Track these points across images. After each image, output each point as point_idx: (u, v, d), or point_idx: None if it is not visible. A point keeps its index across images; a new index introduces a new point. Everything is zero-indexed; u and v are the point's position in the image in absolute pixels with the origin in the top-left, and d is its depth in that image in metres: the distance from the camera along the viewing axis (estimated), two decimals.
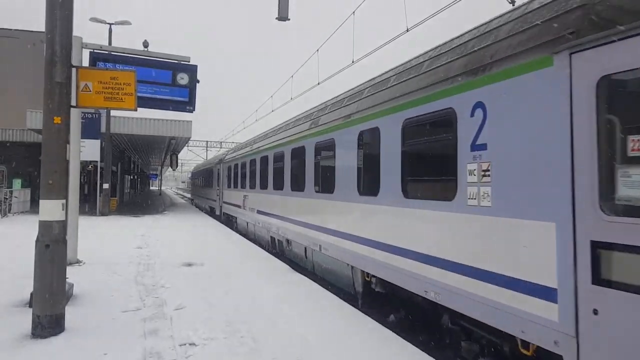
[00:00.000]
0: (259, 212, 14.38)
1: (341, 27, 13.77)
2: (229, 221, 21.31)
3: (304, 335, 5.43)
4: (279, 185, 11.91)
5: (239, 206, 18.08)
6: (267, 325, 5.76)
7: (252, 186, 15.36)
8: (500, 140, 4.33)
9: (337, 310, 6.66)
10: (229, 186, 21.05)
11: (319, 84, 16.63)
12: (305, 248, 10.13)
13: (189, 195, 77.46)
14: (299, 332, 5.54)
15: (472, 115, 4.70)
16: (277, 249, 12.85)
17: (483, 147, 4.52)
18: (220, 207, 23.63)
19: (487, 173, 4.46)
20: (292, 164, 10.97)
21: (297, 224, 10.38)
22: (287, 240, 11.58)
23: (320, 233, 8.95)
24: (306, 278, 8.97)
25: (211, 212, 28.21)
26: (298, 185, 10.40)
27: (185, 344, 5.03)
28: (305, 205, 9.86)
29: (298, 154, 10.48)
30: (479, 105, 4.61)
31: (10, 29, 32.49)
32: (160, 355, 4.72)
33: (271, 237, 13.26)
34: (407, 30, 11.05)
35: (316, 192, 9.29)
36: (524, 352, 4.12)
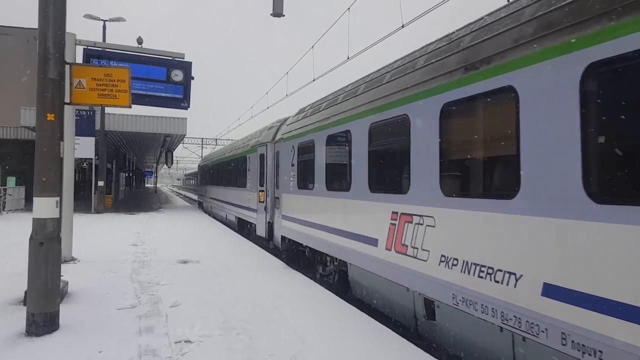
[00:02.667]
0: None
1: (336, 24, 13.75)
2: (301, 259, 10.40)
3: (301, 332, 5.43)
4: None
5: (367, 241, 6.75)
6: (264, 322, 5.76)
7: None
8: None
9: (334, 307, 6.68)
10: (305, 186, 9.50)
11: (314, 80, 16.62)
12: None
13: (185, 194, 76.93)
14: (295, 329, 5.54)
15: None
16: None
17: None
18: (270, 224, 12.72)
19: None
20: None
21: None
22: None
23: None
24: (302, 275, 8.98)
25: (240, 228, 17.54)
26: None
27: (180, 341, 5.02)
28: None
29: None
30: None
31: (4, 26, 32.22)
32: (156, 353, 4.71)
33: None
34: (403, 27, 11.04)
35: None
36: None
